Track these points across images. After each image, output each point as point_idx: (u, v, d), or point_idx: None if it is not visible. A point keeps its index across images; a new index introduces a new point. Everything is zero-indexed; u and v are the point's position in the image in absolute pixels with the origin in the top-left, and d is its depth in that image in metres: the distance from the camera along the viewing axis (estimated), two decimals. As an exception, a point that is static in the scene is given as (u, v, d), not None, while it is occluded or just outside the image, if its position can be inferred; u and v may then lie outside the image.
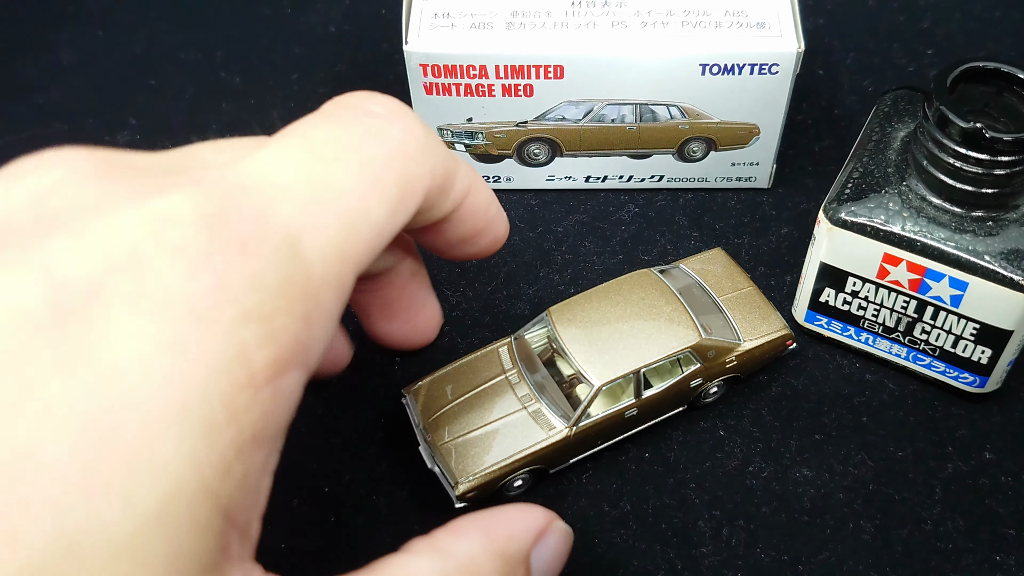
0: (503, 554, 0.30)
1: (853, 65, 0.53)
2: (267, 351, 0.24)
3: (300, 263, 0.25)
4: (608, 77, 0.43)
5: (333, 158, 0.27)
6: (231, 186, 0.25)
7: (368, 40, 0.55)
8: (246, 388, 0.23)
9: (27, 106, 0.53)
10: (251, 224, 0.24)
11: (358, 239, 0.26)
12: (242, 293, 0.23)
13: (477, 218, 0.33)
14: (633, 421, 0.38)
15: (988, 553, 0.37)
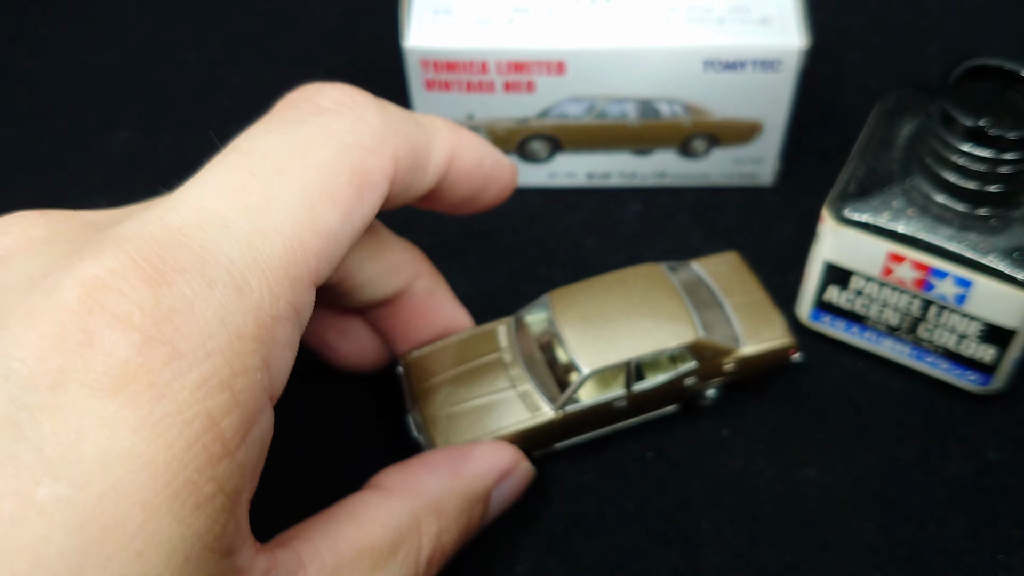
0: (466, 493, 0.32)
1: (857, 62, 0.53)
2: (235, 416, 0.24)
3: (250, 309, 0.24)
4: (610, 73, 0.43)
5: (275, 172, 0.26)
6: (170, 232, 0.24)
7: (368, 36, 0.55)
8: (224, 458, 0.23)
9: (26, 105, 0.53)
10: (194, 279, 0.24)
11: (308, 255, 0.26)
12: (197, 361, 0.23)
13: (472, 179, 0.33)
14: (623, 413, 0.38)
15: (992, 553, 0.37)
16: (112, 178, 0.49)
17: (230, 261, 0.24)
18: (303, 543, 0.28)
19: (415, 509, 0.31)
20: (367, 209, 0.28)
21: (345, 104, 0.29)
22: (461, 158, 0.32)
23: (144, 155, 0.50)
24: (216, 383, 0.23)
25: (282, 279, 0.25)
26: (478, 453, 0.33)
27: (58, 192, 0.49)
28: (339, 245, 0.27)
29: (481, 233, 0.47)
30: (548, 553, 0.37)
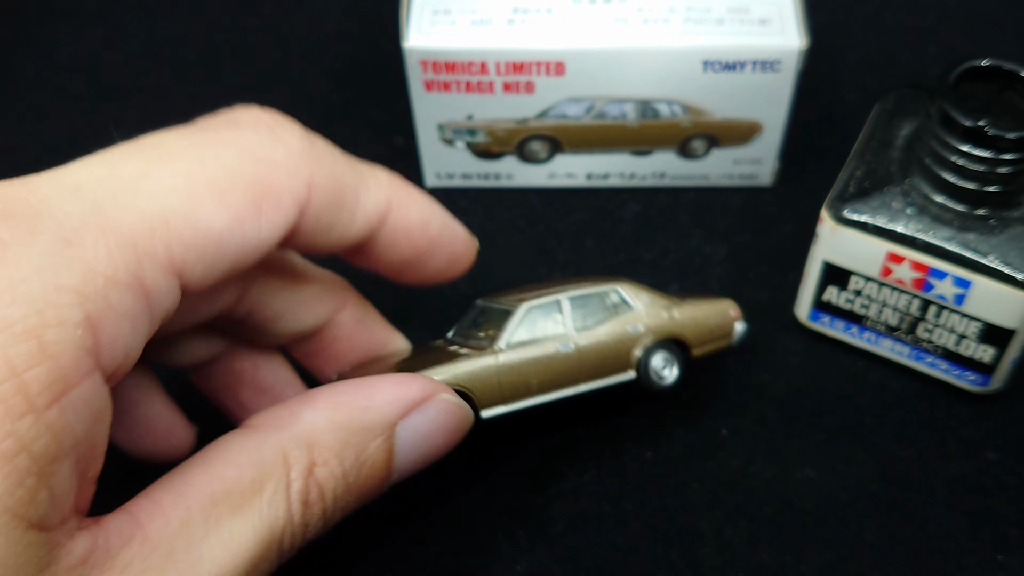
0: (350, 425, 0.28)
1: (856, 63, 0.53)
2: (42, 369, 0.22)
3: (76, 262, 0.23)
4: (610, 74, 0.43)
5: (159, 158, 0.25)
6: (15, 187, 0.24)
7: (368, 37, 0.55)
8: (27, 413, 0.21)
9: (27, 106, 0.53)
10: (20, 225, 0.22)
11: (172, 240, 0.24)
12: (2, 304, 0.21)
13: (414, 240, 0.31)
14: (573, 372, 0.35)
15: (991, 553, 0.37)
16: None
17: (66, 215, 0.23)
18: (141, 502, 0.26)
19: (281, 442, 0.27)
20: (266, 227, 0.26)
21: (265, 123, 0.27)
22: (400, 214, 0.30)
23: (144, 156, 0.50)
24: (21, 330, 0.21)
25: (126, 246, 0.23)
26: (374, 383, 0.29)
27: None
28: (221, 250, 0.25)
29: (481, 234, 0.47)
30: (548, 553, 0.37)
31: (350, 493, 0.29)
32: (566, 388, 0.35)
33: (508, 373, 0.34)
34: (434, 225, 0.31)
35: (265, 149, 0.26)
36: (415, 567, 0.37)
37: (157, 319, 0.25)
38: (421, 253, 0.31)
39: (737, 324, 0.39)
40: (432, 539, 0.37)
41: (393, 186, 0.30)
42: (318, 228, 0.28)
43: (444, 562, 0.37)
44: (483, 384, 0.33)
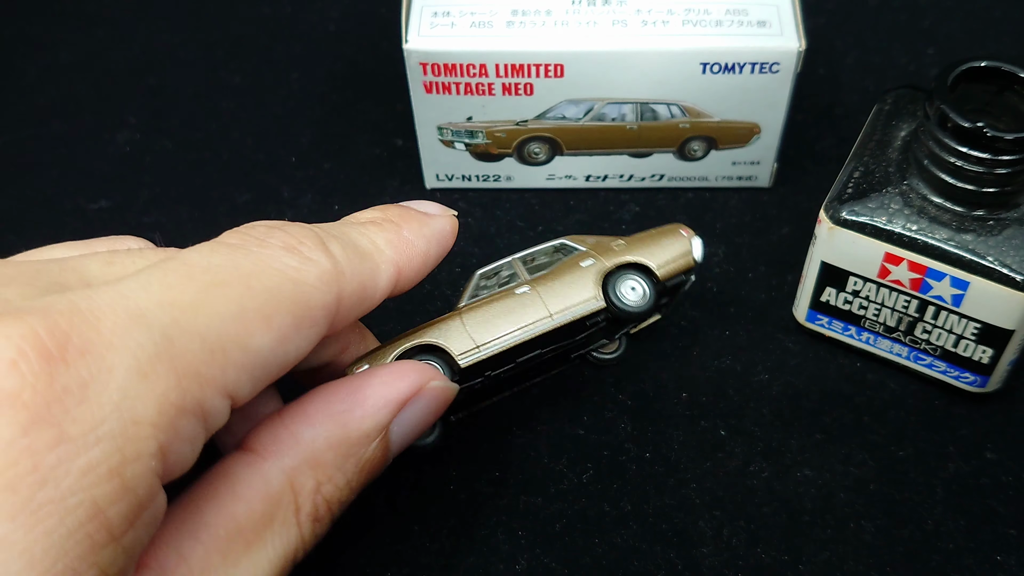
0: (347, 439, 0.30)
1: (854, 64, 0.53)
2: (123, 504, 0.23)
3: (152, 396, 0.24)
4: (608, 76, 0.43)
5: (212, 284, 0.26)
6: (82, 313, 0.24)
7: (368, 39, 0.55)
8: (108, 544, 0.23)
9: (27, 106, 0.53)
10: (94, 363, 0.23)
11: (228, 365, 0.25)
12: (85, 446, 0.22)
13: (418, 277, 0.33)
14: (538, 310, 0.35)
15: (989, 553, 0.37)
16: (112, 179, 0.49)
17: (139, 346, 0.24)
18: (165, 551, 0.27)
19: (287, 469, 0.29)
20: (303, 343, 0.28)
21: (291, 247, 0.29)
22: (407, 270, 0.32)
23: (144, 156, 0.50)
24: (105, 470, 0.23)
25: (192, 375, 0.25)
26: (365, 387, 0.31)
27: (58, 193, 0.49)
28: (266, 369, 0.27)
29: (481, 234, 0.47)
30: (548, 553, 0.37)
31: (352, 495, 0.31)
32: (538, 324, 0.35)
33: (475, 324, 0.35)
34: (433, 254, 0.33)
35: (300, 272, 0.28)
36: (415, 567, 0.37)
37: (209, 436, 0.26)
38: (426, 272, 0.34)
39: (693, 239, 0.38)
40: (432, 538, 0.37)
41: (397, 252, 0.32)
42: (342, 320, 0.30)
43: (444, 561, 0.37)
44: (454, 338, 0.35)
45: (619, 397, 0.41)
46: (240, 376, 0.26)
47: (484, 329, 0.35)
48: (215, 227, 0.30)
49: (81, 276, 0.27)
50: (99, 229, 0.47)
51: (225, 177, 0.49)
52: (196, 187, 0.49)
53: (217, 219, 0.43)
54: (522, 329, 0.35)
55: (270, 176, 0.49)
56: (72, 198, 0.49)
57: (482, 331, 0.35)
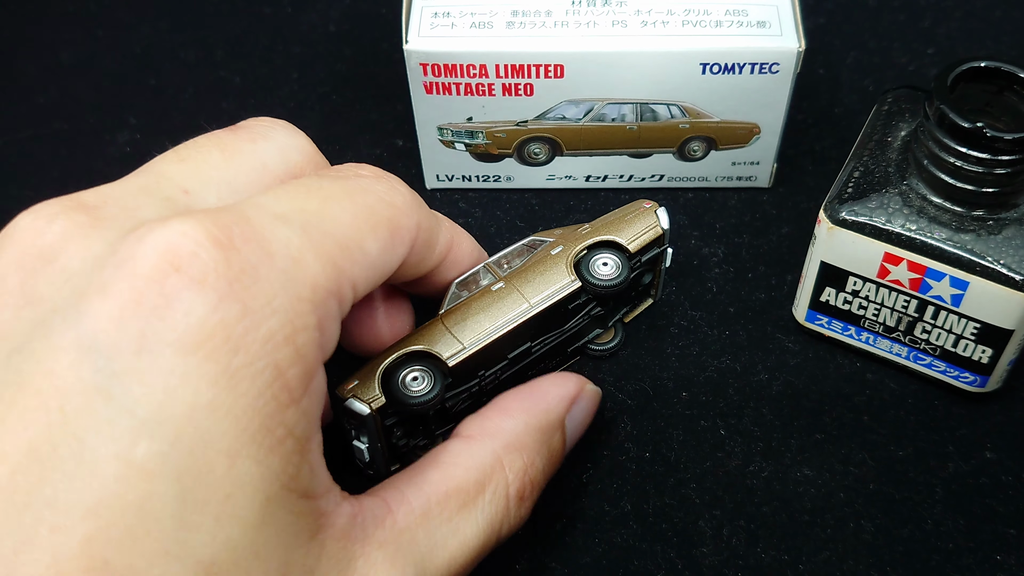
0: (541, 427, 0.35)
1: (854, 64, 0.53)
2: (298, 368, 0.26)
3: (306, 280, 0.27)
4: (608, 76, 0.43)
5: (328, 197, 0.30)
6: (235, 215, 0.27)
7: (368, 39, 0.55)
8: (290, 405, 0.26)
9: (27, 106, 0.53)
10: (258, 248, 0.26)
11: (353, 262, 0.29)
12: (265, 317, 0.26)
13: (461, 266, 0.37)
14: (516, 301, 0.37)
15: (989, 553, 0.37)
16: (112, 179, 0.49)
17: (288, 239, 0.27)
18: (389, 491, 0.31)
19: (496, 450, 0.33)
20: (396, 256, 0.32)
21: (382, 175, 0.33)
22: (456, 250, 0.36)
23: (145, 156, 0.50)
24: (282, 337, 0.26)
25: (331, 264, 0.28)
26: (545, 387, 0.36)
27: (58, 194, 0.49)
28: (376, 270, 0.30)
29: (481, 235, 0.47)
30: (547, 552, 0.37)
31: (546, 480, 0.35)
32: (519, 316, 0.37)
33: (457, 325, 0.36)
34: (473, 257, 0.38)
35: (390, 195, 0.32)
36: (415, 567, 0.37)
37: (342, 317, 0.29)
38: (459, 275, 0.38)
39: (659, 211, 0.40)
40: (432, 539, 0.37)
41: (452, 229, 0.36)
42: (413, 260, 0.33)
43: (444, 562, 0.37)
44: (439, 341, 0.36)
45: (619, 397, 0.41)
46: (362, 272, 0.29)
47: (467, 328, 0.36)
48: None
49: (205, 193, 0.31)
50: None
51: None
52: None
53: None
54: (504, 321, 0.36)
55: (270, 176, 0.49)
56: (72, 198, 0.49)
57: (465, 330, 0.36)
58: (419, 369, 0.36)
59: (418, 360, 0.36)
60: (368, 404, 0.34)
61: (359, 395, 0.34)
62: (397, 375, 0.35)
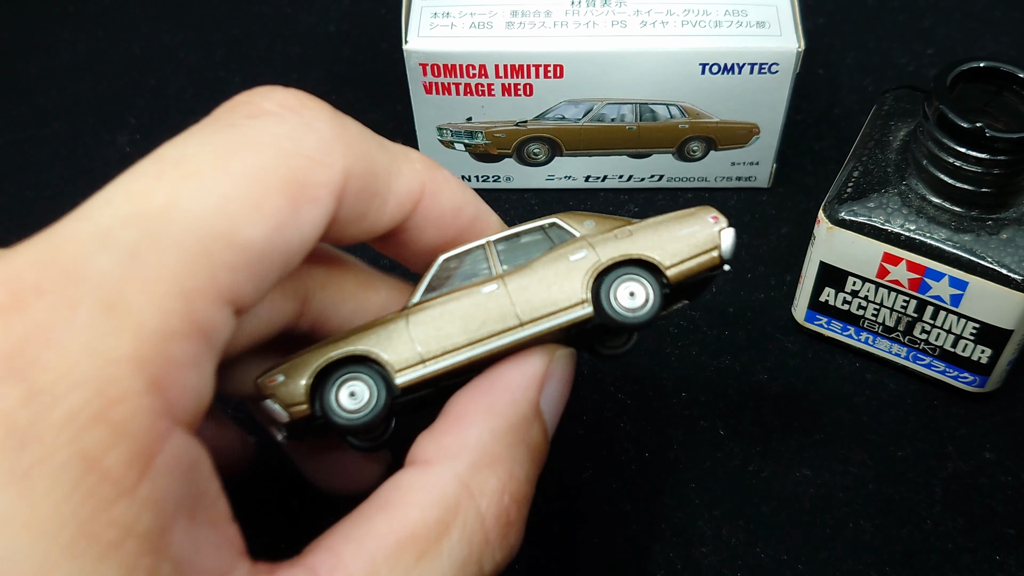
0: (511, 427, 0.27)
1: (853, 64, 0.53)
2: (121, 450, 0.20)
3: (126, 328, 0.21)
4: (608, 76, 0.43)
5: (186, 177, 0.23)
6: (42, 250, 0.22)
7: (367, 39, 0.55)
8: (120, 499, 0.20)
9: (27, 106, 0.53)
10: (56, 300, 0.21)
11: (216, 268, 0.22)
12: (59, 396, 0.20)
13: (444, 227, 0.29)
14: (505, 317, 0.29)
15: (988, 552, 0.37)
16: (112, 179, 0.49)
17: (102, 275, 0.21)
18: (320, 555, 0.24)
19: (460, 473, 0.26)
20: (307, 226, 0.24)
21: (292, 108, 0.25)
22: (434, 198, 0.28)
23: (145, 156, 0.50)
24: (87, 417, 0.20)
25: (173, 292, 0.22)
26: (506, 374, 0.28)
27: (58, 194, 0.49)
28: (267, 262, 0.24)
29: (480, 235, 0.47)
30: (546, 551, 0.37)
31: (532, 488, 0.28)
32: (502, 336, 0.28)
33: (423, 329, 0.28)
34: (467, 212, 0.29)
35: (295, 140, 0.24)
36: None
37: (218, 352, 0.23)
38: (451, 240, 0.29)
39: (724, 232, 0.30)
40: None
41: (427, 169, 0.28)
42: (351, 216, 0.26)
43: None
44: (393, 347, 0.28)
45: (619, 396, 0.41)
46: (236, 277, 0.23)
47: (432, 338, 0.28)
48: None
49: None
50: (99, 229, 0.47)
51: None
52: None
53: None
54: (480, 342, 0.28)
55: (270, 176, 0.49)
56: (72, 199, 0.48)
57: (429, 340, 0.28)
58: (359, 378, 0.28)
59: (362, 366, 0.29)
60: (287, 410, 0.28)
61: (279, 396, 0.28)
62: (331, 380, 0.28)
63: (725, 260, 0.30)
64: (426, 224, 0.28)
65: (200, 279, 0.22)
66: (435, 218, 0.28)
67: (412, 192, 0.27)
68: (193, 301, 0.22)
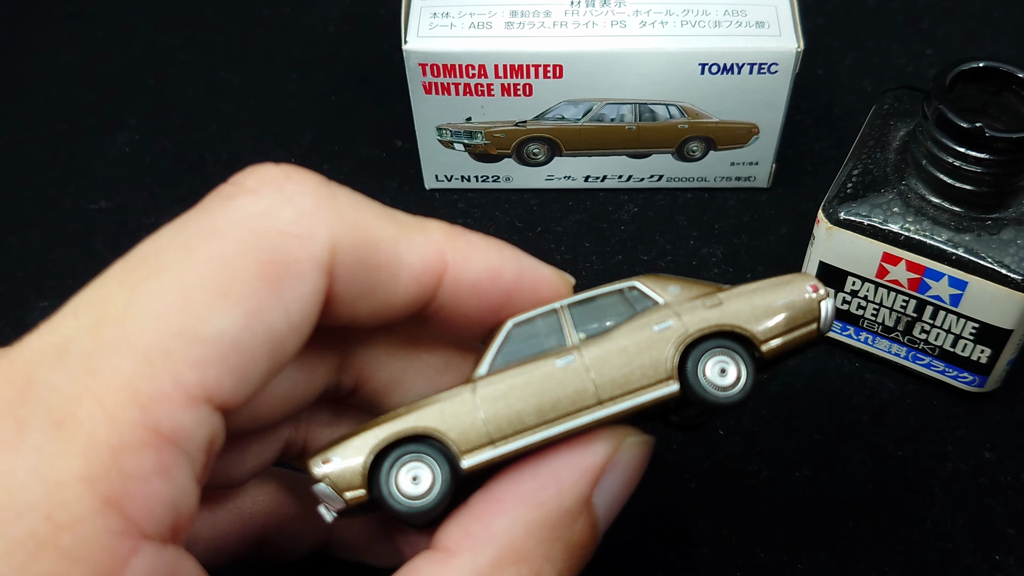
0: (548, 522, 0.25)
1: (853, 65, 0.53)
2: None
3: (75, 446, 0.20)
4: (607, 76, 0.43)
5: (149, 275, 0.22)
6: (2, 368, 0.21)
7: (367, 40, 0.55)
8: None
9: (27, 106, 0.53)
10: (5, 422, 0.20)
11: (179, 367, 0.21)
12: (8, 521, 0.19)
13: (482, 292, 0.26)
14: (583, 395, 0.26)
15: (988, 552, 0.37)
16: (112, 180, 0.49)
17: (53, 391, 0.20)
18: None
19: (481, 568, 0.24)
20: (294, 306, 0.22)
21: (271, 183, 0.24)
22: (461, 267, 0.25)
23: (144, 157, 0.50)
24: (33, 546, 0.19)
25: (127, 401, 0.20)
26: (557, 463, 0.26)
27: (58, 194, 0.49)
28: (247, 351, 0.22)
29: (479, 235, 0.47)
30: (546, 553, 0.37)
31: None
32: (579, 415, 0.26)
33: (493, 406, 0.26)
34: (507, 274, 0.26)
35: (268, 217, 0.23)
36: (414, 567, 0.37)
37: (200, 453, 0.22)
38: (497, 307, 0.27)
39: (824, 304, 0.27)
40: (431, 539, 0.37)
41: (447, 238, 0.26)
42: (355, 293, 0.24)
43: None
44: (458, 425, 0.26)
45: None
46: (206, 373, 0.21)
47: (503, 415, 0.26)
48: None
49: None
50: (99, 230, 0.47)
51: (225, 178, 0.49)
52: (196, 188, 0.49)
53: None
54: (554, 423, 0.26)
55: (270, 177, 0.49)
56: (72, 199, 0.49)
57: (500, 418, 0.26)
58: (421, 459, 0.26)
59: (423, 445, 0.26)
60: (342, 496, 0.26)
61: (333, 480, 0.25)
62: (389, 461, 0.26)
63: (822, 334, 0.28)
64: (461, 295, 0.26)
65: (160, 382, 0.21)
66: (469, 287, 0.26)
67: (428, 262, 0.25)
68: (152, 407, 0.20)
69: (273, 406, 0.27)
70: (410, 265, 0.25)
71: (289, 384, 0.27)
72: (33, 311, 0.45)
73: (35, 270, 0.46)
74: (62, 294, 0.23)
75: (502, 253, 0.27)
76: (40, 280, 0.46)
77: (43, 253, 0.47)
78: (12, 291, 0.46)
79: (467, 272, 0.26)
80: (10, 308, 0.45)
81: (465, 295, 0.26)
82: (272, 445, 0.29)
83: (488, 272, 0.26)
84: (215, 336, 0.21)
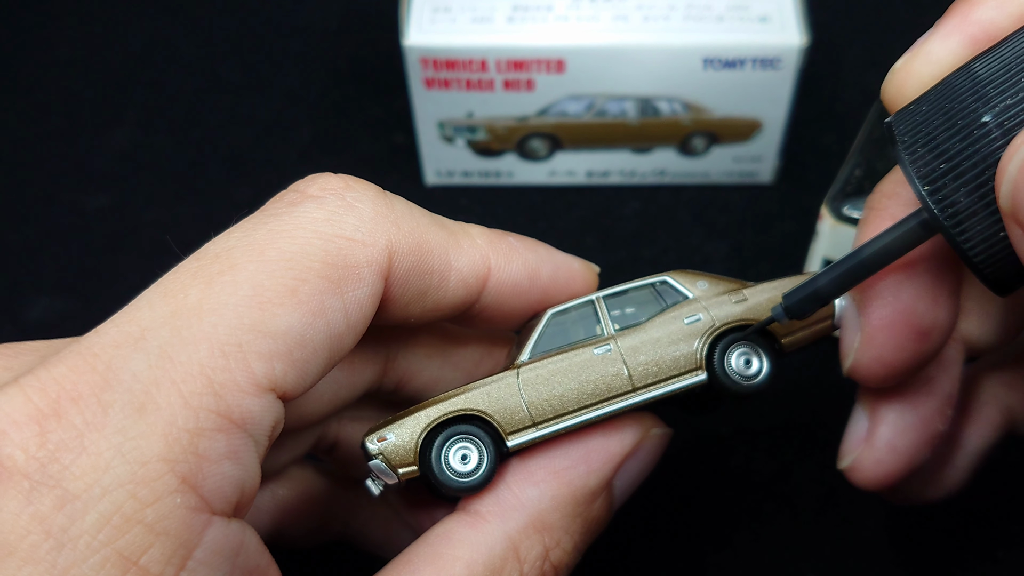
0: (574, 498, 0.27)
1: (856, 60, 0.53)
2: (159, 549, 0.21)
3: (156, 428, 0.21)
4: (610, 71, 0.43)
5: (222, 271, 0.23)
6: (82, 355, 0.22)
7: (368, 35, 0.55)
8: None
9: (27, 103, 0.53)
10: (90, 404, 0.21)
11: (250, 359, 0.22)
12: (93, 499, 0.21)
13: (522, 292, 0.28)
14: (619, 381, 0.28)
15: (991, 549, 0.37)
16: (112, 175, 0.49)
17: (134, 378, 0.22)
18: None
19: (510, 533, 0.26)
20: (353, 306, 0.24)
21: (334, 191, 0.25)
22: (503, 269, 0.28)
23: (144, 153, 0.50)
24: (120, 520, 0.21)
25: (203, 389, 0.22)
26: (587, 446, 0.28)
27: (58, 189, 0.49)
28: (309, 345, 0.24)
29: (481, 231, 0.47)
30: (548, 550, 0.37)
31: (578, 558, 0.28)
32: (614, 401, 0.28)
33: (534, 390, 0.28)
34: (544, 273, 0.29)
35: (334, 223, 0.24)
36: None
37: (264, 438, 0.23)
38: (535, 304, 0.29)
39: (837, 300, 0.29)
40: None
41: (489, 242, 0.28)
42: (408, 295, 0.26)
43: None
44: (504, 407, 0.28)
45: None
46: (273, 365, 0.23)
47: (545, 399, 0.28)
48: (214, 224, 0.30)
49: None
50: (98, 226, 0.47)
51: (224, 174, 0.49)
52: (195, 184, 0.49)
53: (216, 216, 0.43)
54: (593, 407, 0.28)
55: (270, 173, 0.49)
56: (71, 195, 0.49)
57: (542, 401, 0.28)
58: (470, 440, 0.28)
59: (471, 425, 0.28)
60: (395, 472, 0.27)
61: (387, 456, 0.27)
62: (440, 441, 0.27)
63: (835, 328, 0.29)
64: (503, 295, 0.28)
65: (232, 372, 0.22)
66: (511, 287, 0.28)
67: (476, 267, 0.27)
68: (225, 395, 0.22)
69: (320, 403, 0.29)
70: (458, 270, 0.27)
71: (336, 383, 0.30)
72: (32, 306, 0.45)
73: (33, 265, 0.46)
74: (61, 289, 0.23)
75: (538, 252, 0.29)
76: (39, 275, 0.46)
77: (41, 248, 0.47)
78: (10, 286, 0.46)
79: (509, 275, 0.28)
80: (8, 303, 0.45)
81: (507, 295, 0.28)
82: (307, 439, 0.31)
83: (527, 273, 0.28)
84: (283, 331, 0.23)
